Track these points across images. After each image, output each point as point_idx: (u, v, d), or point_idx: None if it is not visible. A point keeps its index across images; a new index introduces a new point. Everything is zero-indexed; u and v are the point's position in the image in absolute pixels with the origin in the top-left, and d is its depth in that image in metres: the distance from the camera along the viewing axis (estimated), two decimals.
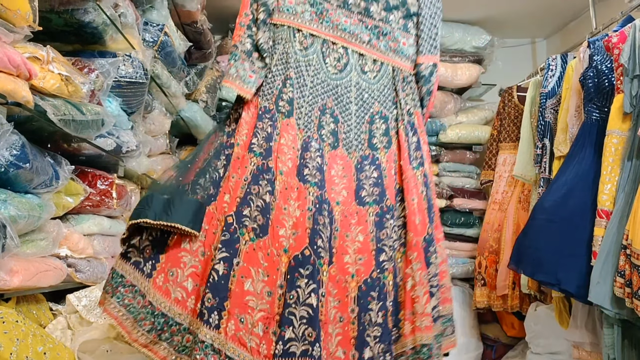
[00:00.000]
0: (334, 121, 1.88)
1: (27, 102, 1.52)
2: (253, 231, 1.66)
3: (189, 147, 3.83)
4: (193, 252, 1.67)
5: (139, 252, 1.67)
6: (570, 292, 2.24)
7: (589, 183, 2.31)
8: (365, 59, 1.94)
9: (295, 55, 1.87)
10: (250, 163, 1.75)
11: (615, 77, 2.27)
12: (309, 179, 1.75)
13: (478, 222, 3.96)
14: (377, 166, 1.87)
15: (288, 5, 1.88)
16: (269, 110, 1.82)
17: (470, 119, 4.12)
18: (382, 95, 1.95)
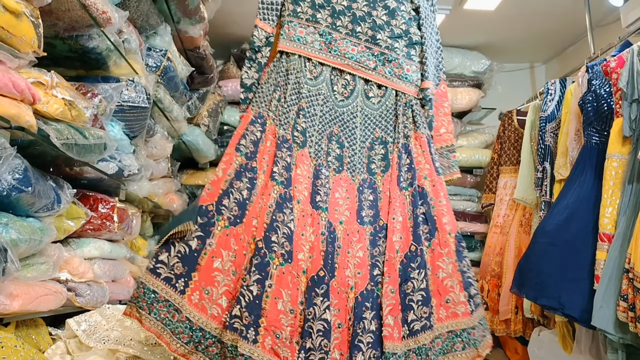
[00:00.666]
0: (340, 147, 2.02)
1: (31, 126, 1.53)
2: (282, 256, 1.81)
3: (190, 170, 3.84)
4: (225, 271, 1.81)
5: (168, 268, 1.77)
6: (573, 316, 2.22)
7: (590, 206, 2.31)
8: (371, 85, 2.06)
9: (307, 85, 2.00)
10: (273, 191, 1.89)
11: (614, 101, 2.29)
12: (320, 205, 1.91)
13: (480, 245, 3.95)
14: (374, 189, 2.01)
15: (299, 35, 2.01)
16: (286, 140, 1.95)
17: (470, 142, 4.14)
18: (384, 120, 2.07)
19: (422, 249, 1.91)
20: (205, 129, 3.52)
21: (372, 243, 1.93)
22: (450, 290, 1.88)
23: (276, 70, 2.02)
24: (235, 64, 4.02)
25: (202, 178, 3.83)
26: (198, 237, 1.80)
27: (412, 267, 1.89)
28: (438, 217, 1.97)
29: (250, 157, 1.93)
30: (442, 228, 1.95)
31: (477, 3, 3.58)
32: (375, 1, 2.02)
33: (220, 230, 1.82)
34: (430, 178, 2.01)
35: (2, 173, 1.47)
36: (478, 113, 4.24)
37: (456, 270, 1.91)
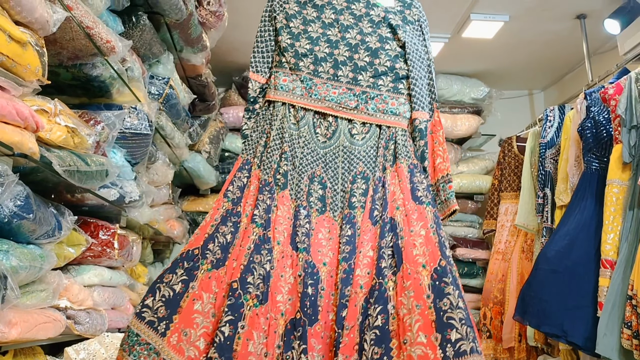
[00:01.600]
0: (322, 187, 2.02)
1: (33, 153, 1.54)
2: (256, 297, 1.78)
3: (191, 197, 3.85)
4: (205, 313, 1.79)
5: (152, 312, 1.78)
6: (577, 344, 2.20)
7: (591, 233, 2.30)
8: (354, 123, 2.07)
9: (290, 130, 2.03)
10: (252, 233, 1.89)
11: (613, 127, 2.30)
12: (299, 246, 1.89)
13: (482, 272, 3.93)
14: (353, 225, 1.95)
15: (282, 83, 2.06)
16: (268, 184, 1.97)
17: (471, 168, 4.15)
18: (368, 155, 2.06)
19: (380, 283, 1.78)
20: (206, 156, 3.53)
21: (344, 281, 1.83)
22: (408, 329, 1.68)
23: (264, 118, 2.08)
24: (236, 92, 4.06)
25: (203, 204, 3.83)
26: (182, 280, 1.82)
27: (370, 303, 1.78)
28: (406, 248, 1.83)
29: (236, 202, 1.97)
30: (412, 260, 1.79)
31: (475, 31, 3.63)
32: (357, 45, 2.06)
33: (203, 273, 1.83)
34: (404, 207, 1.93)
35: (3, 200, 1.48)
36: (478, 139, 4.26)
37: (426, 308, 1.70)
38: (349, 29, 2.07)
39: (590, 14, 3.40)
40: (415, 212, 1.92)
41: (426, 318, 1.69)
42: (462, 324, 1.67)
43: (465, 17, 3.51)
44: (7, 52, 1.39)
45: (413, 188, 1.99)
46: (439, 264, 1.80)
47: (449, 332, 1.65)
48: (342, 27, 2.07)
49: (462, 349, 1.63)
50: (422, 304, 1.71)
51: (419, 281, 1.75)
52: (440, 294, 1.73)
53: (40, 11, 1.50)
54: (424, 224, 1.89)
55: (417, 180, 2.01)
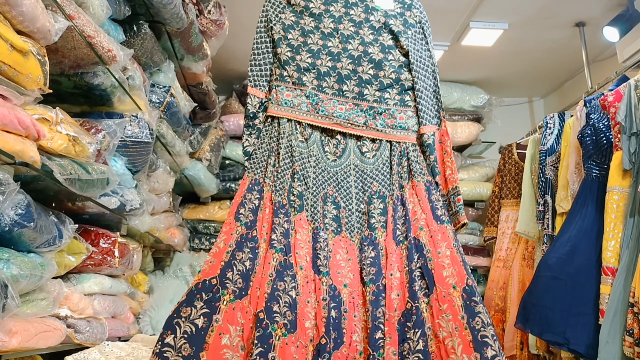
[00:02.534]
0: (336, 207, 1.97)
1: (35, 162, 1.54)
2: (284, 326, 1.73)
3: (192, 204, 3.85)
4: (234, 347, 1.71)
5: (176, 351, 1.68)
6: (579, 352, 2.19)
7: (592, 240, 2.30)
8: (363, 140, 2.02)
9: (299, 148, 1.98)
10: (273, 259, 1.83)
11: (612, 134, 2.30)
12: (321, 270, 1.84)
13: (483, 279, 3.92)
14: (375, 246, 1.92)
15: (286, 98, 1.99)
16: (283, 206, 1.92)
17: (471, 176, 4.15)
18: (380, 173, 2.02)
19: (417, 306, 1.78)
20: (207, 164, 3.54)
21: (374, 303, 1.82)
22: (452, 351, 1.71)
23: (269, 135, 2.01)
24: (237, 100, 4.07)
25: (204, 212, 3.83)
26: (204, 314, 1.73)
27: (408, 327, 1.77)
28: (436, 270, 1.83)
29: (250, 226, 1.89)
30: (443, 282, 1.81)
31: (475, 39, 3.65)
32: (360, 57, 2.00)
33: (226, 304, 1.75)
34: (428, 228, 1.91)
35: (4, 208, 1.48)
36: (478, 147, 4.26)
37: (463, 329, 1.74)
38: (349, 39, 2.02)
39: (589, 21, 3.41)
40: (439, 232, 1.91)
41: (464, 339, 1.71)
42: (494, 340, 1.72)
43: (464, 25, 3.52)
44: (9, 61, 1.40)
45: (433, 207, 1.96)
46: (467, 283, 1.82)
47: (485, 350, 1.69)
48: (342, 38, 2.02)
49: None
50: (459, 326, 1.74)
51: (453, 303, 1.77)
52: (472, 314, 1.76)
53: (42, 21, 1.51)
54: (447, 243, 1.89)
55: (434, 198, 1.98)
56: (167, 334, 1.70)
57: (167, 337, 1.70)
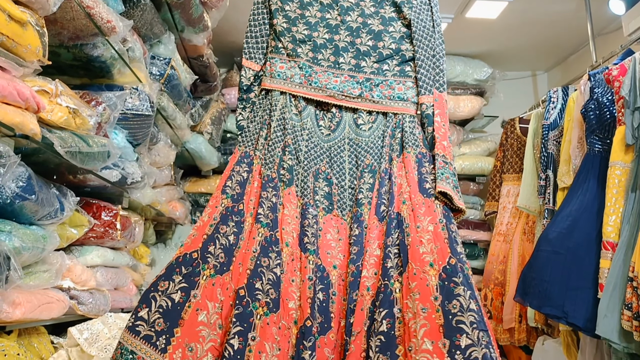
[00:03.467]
0: (328, 184, 1.88)
1: (35, 134, 1.53)
2: (266, 305, 1.63)
3: (193, 178, 3.85)
4: (211, 325, 1.63)
5: (148, 325, 1.62)
6: (577, 325, 2.21)
7: (593, 214, 2.30)
8: (360, 113, 1.94)
9: (292, 121, 1.90)
10: (258, 234, 1.74)
11: (616, 109, 2.29)
12: (308, 247, 1.74)
13: (483, 253, 3.94)
14: (360, 223, 1.81)
15: (279, 70, 1.93)
16: (272, 180, 1.83)
17: (473, 150, 4.14)
18: (375, 146, 1.92)
19: (386, 284, 1.66)
20: (208, 137, 3.53)
21: (352, 285, 1.70)
22: (413, 335, 1.55)
23: (262, 108, 1.95)
24: (238, 72, 4.04)
25: (205, 186, 3.84)
26: (182, 288, 1.65)
27: (376, 306, 1.64)
28: (412, 246, 1.69)
29: (237, 199, 1.80)
30: (418, 259, 1.66)
31: (479, 12, 3.59)
32: (359, 29, 1.93)
33: (205, 279, 1.67)
34: (410, 201, 1.79)
35: (6, 181, 1.48)
36: (480, 121, 4.24)
37: (433, 311, 1.57)
38: (349, 11, 1.94)
39: None
40: (423, 205, 1.78)
41: (433, 322, 1.56)
42: (473, 328, 1.54)
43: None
44: (6, 32, 1.38)
45: (421, 179, 1.84)
46: (449, 262, 1.66)
47: (459, 337, 1.52)
48: (342, 10, 1.94)
49: (472, 356, 1.50)
50: (428, 307, 1.58)
51: (426, 282, 1.63)
52: (450, 296, 1.59)
53: None
54: (432, 218, 1.75)
55: (425, 170, 1.86)
56: (141, 308, 1.64)
57: (141, 310, 1.63)
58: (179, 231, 3.49)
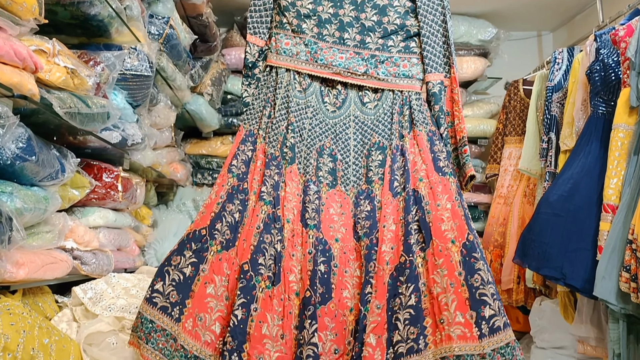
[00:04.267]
0: (332, 160, 1.93)
1: (33, 95, 1.52)
2: (268, 279, 1.75)
3: (194, 139, 3.84)
4: (218, 297, 1.76)
5: (164, 297, 1.76)
6: (575, 286, 2.24)
7: (594, 177, 2.30)
8: (365, 91, 1.96)
9: (296, 99, 1.92)
10: (261, 211, 1.83)
11: (622, 70, 2.26)
12: (309, 223, 1.82)
13: (483, 216, 3.96)
14: (372, 199, 1.88)
15: (285, 47, 1.93)
16: (275, 158, 1.89)
17: (475, 112, 4.11)
18: (381, 124, 1.95)
19: (411, 260, 1.74)
20: (208, 98, 3.50)
21: (367, 257, 1.79)
22: (445, 308, 1.67)
23: (266, 85, 1.96)
24: (238, 32, 3.97)
25: (206, 147, 3.82)
26: (192, 263, 1.78)
27: (401, 281, 1.73)
28: (434, 223, 1.78)
29: (242, 178, 1.88)
30: (441, 236, 1.76)
31: None
32: (364, 3, 1.91)
33: (213, 255, 1.79)
34: (428, 179, 1.86)
35: (5, 142, 1.47)
36: (484, 82, 4.19)
37: (459, 285, 1.69)
38: None
39: None
40: (440, 184, 1.85)
41: (460, 296, 1.67)
42: (494, 299, 1.68)
43: None
44: None
45: (435, 158, 1.90)
46: (467, 238, 1.76)
47: (483, 309, 1.66)
48: None
49: (496, 325, 1.65)
50: (455, 282, 1.69)
51: (450, 258, 1.73)
52: (472, 270, 1.71)
53: None
54: (449, 196, 1.83)
55: (437, 149, 1.92)
56: (157, 281, 1.77)
57: (157, 283, 1.77)
58: (180, 193, 3.50)
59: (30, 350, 1.48)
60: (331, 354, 1.72)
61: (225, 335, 1.71)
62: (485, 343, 1.63)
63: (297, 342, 1.71)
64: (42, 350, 1.54)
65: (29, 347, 1.48)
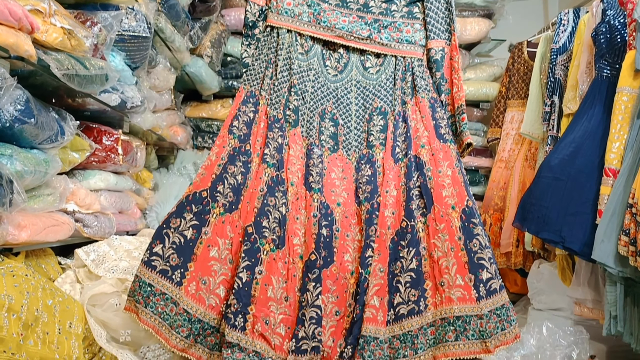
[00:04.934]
0: (334, 124, 1.92)
1: (30, 56, 1.50)
2: (272, 242, 1.75)
3: (194, 102, 3.81)
4: (222, 260, 1.75)
5: (163, 260, 1.73)
6: (574, 250, 2.25)
7: (597, 141, 2.29)
8: (367, 55, 1.94)
9: (298, 61, 1.90)
10: (264, 174, 1.82)
11: (628, 32, 2.22)
12: (313, 186, 1.83)
13: (484, 180, 3.96)
14: (372, 164, 1.89)
15: (287, 7, 1.90)
16: (278, 120, 1.87)
17: (478, 75, 4.06)
18: (383, 89, 1.95)
19: (413, 225, 1.78)
20: (208, 60, 3.45)
21: (368, 221, 1.82)
22: (445, 271, 1.73)
23: (267, 45, 1.94)
24: None
25: (206, 110, 3.80)
26: (193, 226, 1.75)
27: (402, 245, 1.78)
28: (436, 189, 1.82)
29: (244, 139, 1.86)
30: (442, 202, 1.80)
31: None
32: None
33: (215, 218, 1.77)
34: (430, 146, 1.88)
35: (3, 104, 1.46)
36: (487, 44, 4.13)
37: (459, 250, 1.75)
38: None
39: None
40: (441, 151, 1.88)
41: (460, 260, 1.74)
42: (491, 263, 1.75)
43: None
44: None
45: (437, 125, 1.92)
46: (467, 204, 1.82)
47: (481, 272, 1.73)
48: None
49: (492, 287, 1.72)
50: (455, 246, 1.75)
51: (451, 223, 1.78)
52: (470, 235, 1.77)
53: None
54: (449, 163, 1.87)
55: (439, 116, 1.93)
56: (155, 244, 1.74)
57: (156, 246, 1.74)
58: (181, 156, 3.49)
59: (35, 311, 1.50)
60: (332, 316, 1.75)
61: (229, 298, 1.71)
62: (483, 304, 1.70)
63: (299, 305, 1.74)
64: (46, 311, 1.56)
65: (33, 308, 1.50)
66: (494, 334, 1.68)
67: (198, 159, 3.49)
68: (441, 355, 1.68)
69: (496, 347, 1.67)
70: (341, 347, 1.75)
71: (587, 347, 2.42)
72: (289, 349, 1.70)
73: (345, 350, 1.74)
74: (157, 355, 1.81)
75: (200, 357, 1.74)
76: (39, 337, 1.50)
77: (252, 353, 1.65)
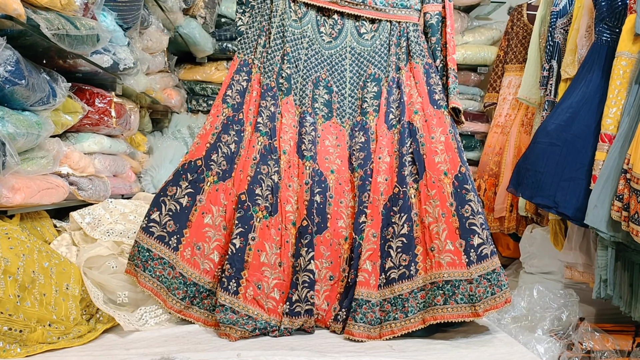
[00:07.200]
0: (328, 92, 1.93)
1: (19, 15, 1.46)
2: (265, 209, 1.80)
3: (187, 65, 3.75)
4: (216, 227, 1.81)
5: (161, 226, 1.80)
6: (567, 215, 2.27)
7: (594, 107, 2.28)
8: (362, 21, 1.93)
9: (291, 28, 1.89)
10: (257, 142, 1.85)
11: None
12: (305, 154, 1.86)
13: (479, 145, 3.96)
14: (366, 130, 1.91)
15: None
16: (270, 89, 1.88)
17: (476, 39, 4.01)
18: (378, 55, 1.94)
19: (405, 191, 1.80)
20: (202, 21, 3.38)
21: (361, 188, 1.85)
22: (435, 237, 1.75)
23: (261, 13, 1.93)
24: None
25: (201, 73, 3.75)
26: (188, 194, 1.81)
27: (394, 211, 1.80)
28: (428, 155, 1.83)
29: (237, 108, 1.89)
30: (434, 168, 1.82)
31: None
32: None
33: (209, 185, 1.82)
34: (423, 112, 1.88)
35: None
36: (486, 7, 4.06)
37: (450, 215, 1.76)
38: None
39: None
40: (435, 117, 1.88)
41: (451, 226, 1.75)
42: (482, 229, 1.76)
43: None
44: None
45: (430, 91, 1.92)
46: (459, 170, 1.83)
47: (472, 237, 1.74)
48: None
49: (483, 253, 1.74)
50: (446, 212, 1.77)
51: (442, 189, 1.80)
52: (462, 201, 1.78)
53: None
54: (443, 129, 1.87)
55: (433, 82, 1.93)
56: (153, 211, 1.82)
57: (153, 213, 1.81)
58: (175, 119, 3.46)
59: (31, 273, 1.51)
60: (326, 281, 1.80)
61: (223, 263, 1.77)
62: (473, 269, 1.72)
63: (293, 269, 1.78)
64: (43, 273, 1.57)
65: (29, 270, 1.51)
66: (484, 298, 1.69)
67: (192, 122, 3.47)
68: (430, 318, 1.71)
69: (486, 311, 1.69)
70: (336, 311, 1.79)
71: (576, 309, 2.46)
72: (283, 312, 1.75)
73: (340, 313, 1.78)
74: (156, 316, 1.84)
75: (199, 318, 1.80)
76: (35, 299, 1.51)
77: (245, 317, 1.70)
